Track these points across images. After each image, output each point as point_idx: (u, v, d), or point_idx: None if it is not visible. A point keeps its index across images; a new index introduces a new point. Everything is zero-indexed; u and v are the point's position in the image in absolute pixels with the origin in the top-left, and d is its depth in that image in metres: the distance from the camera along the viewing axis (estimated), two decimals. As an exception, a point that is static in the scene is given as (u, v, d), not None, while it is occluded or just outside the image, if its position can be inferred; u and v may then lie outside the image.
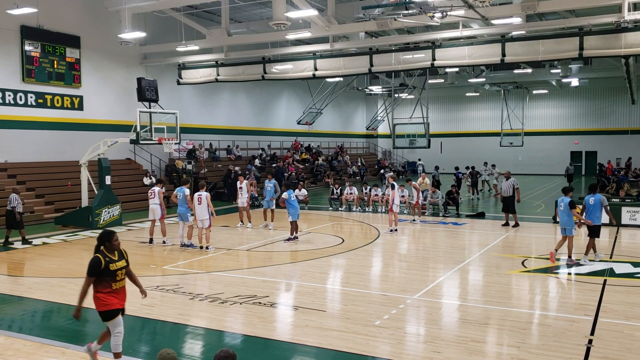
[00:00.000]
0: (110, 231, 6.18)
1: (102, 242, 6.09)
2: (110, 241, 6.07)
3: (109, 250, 6.08)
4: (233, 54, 24.63)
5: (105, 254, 6.03)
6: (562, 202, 12.23)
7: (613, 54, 18.78)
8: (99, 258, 5.99)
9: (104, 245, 6.08)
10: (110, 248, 6.08)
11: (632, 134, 41.69)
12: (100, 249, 6.07)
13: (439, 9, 15.99)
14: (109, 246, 6.08)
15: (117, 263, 6.08)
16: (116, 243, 6.10)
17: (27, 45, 21.29)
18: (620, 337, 7.41)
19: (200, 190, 13.86)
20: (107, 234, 6.12)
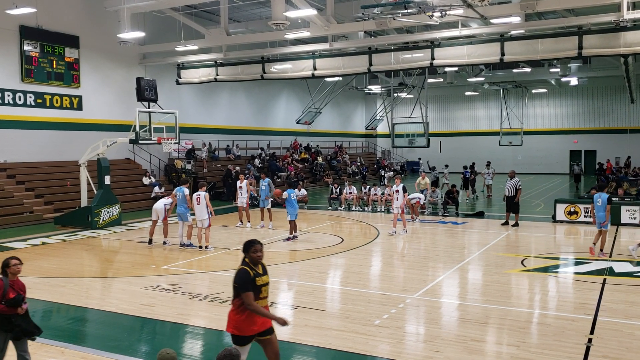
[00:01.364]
0: (251, 240, 5.33)
1: (245, 252, 5.32)
2: (248, 252, 5.26)
3: (252, 262, 5.27)
4: (232, 53, 24.62)
5: (251, 266, 5.23)
6: (600, 198, 12.50)
7: (612, 53, 18.79)
8: (246, 270, 5.19)
9: (247, 255, 5.29)
10: (252, 260, 5.27)
11: (631, 133, 41.72)
12: (245, 260, 5.30)
13: (438, 8, 16.00)
14: (249, 258, 5.27)
15: (262, 277, 5.30)
16: (254, 255, 5.25)
17: (26, 45, 21.27)
18: (619, 336, 7.42)
19: (200, 190, 13.86)
20: (248, 244, 5.32)
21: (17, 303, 5.48)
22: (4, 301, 5.44)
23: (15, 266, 5.70)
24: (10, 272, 5.66)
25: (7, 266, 5.67)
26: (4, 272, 5.66)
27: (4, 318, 5.48)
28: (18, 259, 5.79)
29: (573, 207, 18.04)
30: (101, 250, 14.90)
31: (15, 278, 5.67)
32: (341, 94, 39.77)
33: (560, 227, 17.34)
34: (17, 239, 15.68)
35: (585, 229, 16.92)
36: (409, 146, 34.57)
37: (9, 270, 5.66)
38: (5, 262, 5.71)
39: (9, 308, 5.46)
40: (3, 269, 5.67)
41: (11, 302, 5.45)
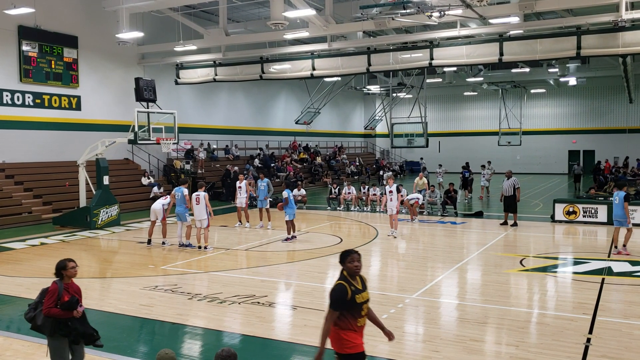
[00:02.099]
0: (348, 250, 4.80)
1: (342, 263, 4.78)
2: (344, 262, 4.74)
3: (350, 275, 4.73)
4: (231, 53, 24.62)
5: (350, 281, 4.70)
6: (617, 196, 12.60)
7: (611, 53, 18.82)
8: (344, 286, 4.66)
9: (344, 267, 4.75)
10: (350, 271, 4.73)
11: (629, 133, 41.77)
12: (342, 273, 4.75)
13: (436, 8, 16.00)
14: (346, 269, 4.73)
15: (362, 294, 4.77)
16: (351, 266, 4.71)
17: (25, 45, 21.25)
18: (618, 335, 7.42)
19: (199, 190, 13.87)
20: (344, 254, 4.77)
21: (72, 306, 5.28)
22: (59, 304, 5.27)
23: (73, 269, 5.49)
24: (66, 275, 5.46)
25: (64, 268, 5.45)
26: (60, 274, 5.45)
27: (60, 322, 5.28)
28: (74, 261, 5.56)
29: (572, 207, 18.06)
30: (100, 250, 14.89)
31: (70, 281, 5.48)
32: (340, 94, 39.78)
33: (559, 227, 17.35)
34: (16, 240, 15.66)
35: (584, 229, 16.94)
36: (407, 146, 34.60)
37: (65, 273, 5.45)
38: (62, 264, 5.48)
39: (65, 311, 5.27)
40: (59, 271, 5.46)
41: (66, 305, 5.27)
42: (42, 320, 5.27)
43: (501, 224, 17.63)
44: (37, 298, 5.42)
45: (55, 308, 5.25)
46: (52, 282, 5.42)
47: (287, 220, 14.92)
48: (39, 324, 5.30)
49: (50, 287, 5.34)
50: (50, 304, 5.23)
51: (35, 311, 5.35)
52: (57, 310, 5.25)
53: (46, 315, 5.24)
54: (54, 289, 5.32)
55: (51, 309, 5.22)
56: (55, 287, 5.34)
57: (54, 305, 5.24)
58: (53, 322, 5.24)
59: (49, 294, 5.29)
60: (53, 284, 5.36)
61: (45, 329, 5.27)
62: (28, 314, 5.38)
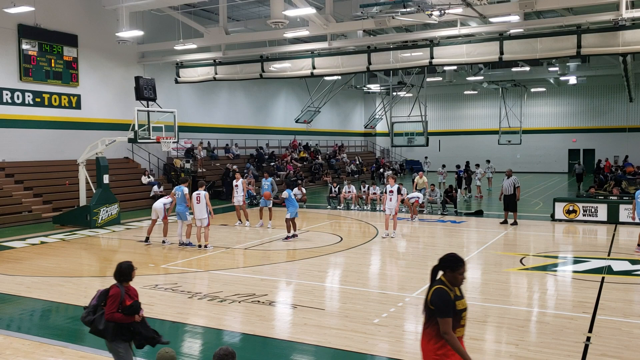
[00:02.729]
0: (458, 258, 4.33)
1: (448, 269, 4.32)
2: (453, 270, 4.28)
3: (452, 283, 4.30)
4: (231, 52, 24.60)
5: (449, 287, 4.27)
6: None
7: (611, 52, 18.79)
8: (446, 290, 4.21)
9: (447, 274, 4.32)
10: (454, 281, 4.30)
11: (629, 132, 41.76)
12: (441, 279, 4.32)
13: (436, 7, 16.00)
14: (451, 278, 4.30)
15: (462, 301, 4.31)
16: (460, 277, 4.31)
17: (25, 44, 21.24)
18: (618, 334, 7.43)
19: (199, 189, 13.89)
20: (454, 261, 4.31)
21: (136, 311, 5.17)
22: (122, 309, 5.12)
23: (133, 272, 5.38)
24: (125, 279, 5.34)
25: (128, 274, 5.34)
26: (121, 278, 5.32)
27: (123, 327, 5.15)
28: (132, 264, 5.43)
29: (572, 206, 18.06)
30: (100, 249, 14.90)
31: (128, 284, 5.35)
32: (340, 93, 39.78)
33: (559, 226, 17.36)
34: (16, 238, 15.66)
35: (584, 228, 16.94)
36: (408, 145, 34.62)
37: (123, 278, 5.33)
38: (129, 268, 5.36)
39: (127, 316, 5.14)
40: (128, 274, 5.31)
41: (129, 310, 5.14)
42: (103, 325, 5.13)
43: (501, 222, 17.63)
44: (95, 301, 5.25)
45: (118, 313, 5.12)
46: (112, 285, 5.27)
47: (287, 219, 14.91)
48: (100, 329, 5.15)
49: (111, 292, 5.19)
50: (113, 308, 5.10)
51: (94, 315, 5.19)
52: (120, 315, 5.13)
53: (108, 320, 5.11)
54: (117, 294, 5.17)
55: (114, 314, 5.10)
56: (117, 291, 5.20)
57: (116, 310, 5.11)
58: (115, 326, 5.12)
59: (111, 299, 5.14)
60: (114, 288, 5.22)
61: (107, 333, 5.14)
62: (87, 317, 5.22)
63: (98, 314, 5.17)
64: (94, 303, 5.24)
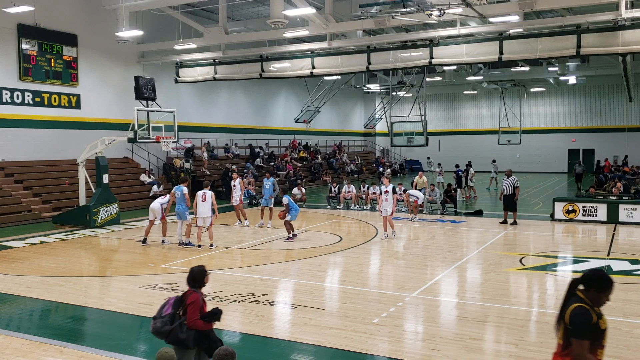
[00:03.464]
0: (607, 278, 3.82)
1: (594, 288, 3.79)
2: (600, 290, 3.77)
3: (593, 302, 3.79)
4: (231, 52, 24.60)
5: (590, 305, 3.77)
6: None
7: (610, 52, 18.81)
8: (587, 310, 3.73)
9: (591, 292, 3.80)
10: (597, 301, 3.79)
11: (629, 132, 41.78)
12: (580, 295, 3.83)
13: (436, 6, 16.00)
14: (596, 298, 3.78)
15: (604, 318, 3.82)
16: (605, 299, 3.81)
17: (24, 43, 21.23)
18: (617, 334, 7.42)
19: (205, 188, 14.00)
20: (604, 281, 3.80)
21: (216, 317, 4.91)
22: (201, 316, 4.86)
23: (206, 276, 5.15)
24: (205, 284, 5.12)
25: (203, 277, 5.12)
26: (200, 283, 5.06)
27: (202, 335, 4.89)
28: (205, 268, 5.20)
29: (571, 206, 18.06)
30: (100, 249, 14.89)
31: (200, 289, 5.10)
32: (340, 93, 39.77)
33: (559, 226, 17.36)
34: (16, 238, 15.66)
35: (584, 228, 16.95)
36: (407, 145, 34.63)
37: (206, 281, 5.12)
38: (203, 272, 5.11)
39: (207, 323, 4.90)
40: (200, 279, 5.07)
41: (211, 317, 4.89)
42: (186, 334, 4.85)
43: (501, 222, 17.63)
44: (170, 309, 4.94)
45: (199, 320, 4.88)
46: (187, 291, 5.02)
47: (286, 221, 14.88)
48: (182, 338, 4.84)
49: (190, 298, 4.94)
50: (195, 315, 4.86)
51: (171, 324, 4.87)
52: (202, 323, 4.90)
53: (190, 328, 4.84)
54: (197, 300, 4.92)
55: (197, 321, 4.86)
56: (197, 297, 4.95)
57: (197, 317, 4.87)
58: (195, 334, 4.88)
59: (192, 306, 4.89)
60: (193, 294, 4.97)
61: (189, 342, 4.85)
62: (163, 327, 4.88)
63: (176, 323, 4.87)
64: (170, 312, 4.94)
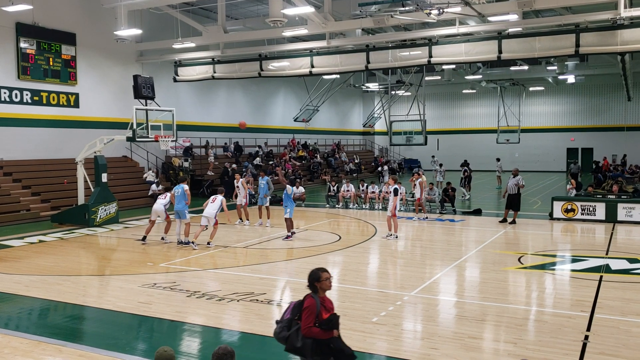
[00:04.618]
0: None
1: None
2: None
3: None
4: (229, 51, 24.57)
5: None
6: None
7: (609, 51, 18.82)
8: None
9: None
10: None
11: (628, 131, 41.82)
12: None
13: (435, 6, 16.00)
14: None
15: None
16: None
17: (23, 42, 21.18)
18: (616, 332, 7.44)
19: (219, 194, 14.11)
20: None
21: (334, 325, 4.59)
22: (318, 323, 4.55)
23: (327, 280, 4.80)
24: (320, 288, 4.76)
25: (317, 280, 4.77)
26: (314, 287, 4.75)
27: (322, 344, 4.58)
28: (328, 272, 4.87)
29: (570, 205, 18.08)
30: (98, 248, 14.88)
31: (323, 294, 4.79)
32: (339, 92, 39.75)
33: (557, 225, 17.38)
34: (14, 237, 15.64)
35: (582, 227, 16.97)
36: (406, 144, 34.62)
37: (318, 286, 4.75)
38: (315, 275, 4.80)
39: (325, 331, 4.57)
40: (312, 283, 4.76)
41: (327, 324, 4.56)
42: (301, 342, 4.59)
43: (500, 221, 17.63)
44: (288, 314, 4.74)
45: (315, 327, 4.58)
46: (306, 296, 4.75)
47: (287, 218, 14.88)
48: (298, 346, 4.60)
49: (306, 303, 4.67)
50: (310, 322, 4.57)
51: (289, 330, 4.66)
52: (318, 330, 4.58)
53: (306, 336, 4.58)
54: (312, 305, 4.62)
55: (312, 328, 4.57)
56: (312, 302, 4.65)
57: (313, 324, 4.57)
58: (313, 343, 4.58)
59: (307, 311, 4.61)
60: (309, 299, 4.69)
61: (307, 351, 4.58)
62: (281, 333, 4.69)
63: (293, 329, 4.64)
64: (288, 317, 4.72)
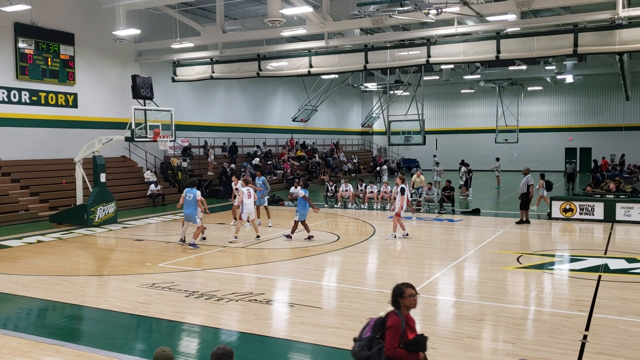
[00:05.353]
0: None
1: None
2: None
3: None
4: (228, 51, 24.56)
5: None
6: None
7: (607, 51, 18.82)
8: None
9: None
10: None
11: (626, 130, 41.87)
12: None
13: (433, 5, 15.98)
14: None
15: None
16: None
17: (21, 42, 21.16)
18: (615, 332, 7.45)
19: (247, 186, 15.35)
20: None
21: (422, 347, 4.27)
22: (404, 344, 4.20)
23: (412, 297, 4.39)
24: (404, 305, 4.37)
25: (401, 296, 4.38)
26: (397, 303, 4.36)
27: None
28: (413, 287, 4.47)
29: (568, 205, 18.10)
30: (97, 248, 14.87)
31: (407, 312, 4.40)
32: (337, 92, 39.75)
33: (556, 225, 17.39)
34: (13, 237, 15.62)
35: (581, 226, 16.98)
36: (405, 144, 34.61)
37: (402, 302, 4.37)
38: (398, 290, 4.43)
39: (411, 353, 4.24)
40: (395, 299, 4.38)
41: (414, 345, 4.23)
42: None
43: (517, 222, 17.35)
44: (369, 332, 4.36)
45: (401, 348, 4.23)
46: (388, 313, 4.37)
47: (297, 221, 14.59)
48: None
49: (389, 321, 4.30)
50: (395, 342, 4.21)
51: (370, 349, 4.30)
52: (404, 352, 4.24)
53: (390, 357, 4.24)
54: (397, 324, 4.25)
55: (397, 350, 4.21)
56: (397, 321, 4.28)
57: (398, 345, 4.22)
58: None
59: (391, 330, 4.23)
60: (393, 317, 4.31)
61: None
62: (360, 352, 4.32)
63: (375, 348, 4.28)
64: (368, 334, 4.37)
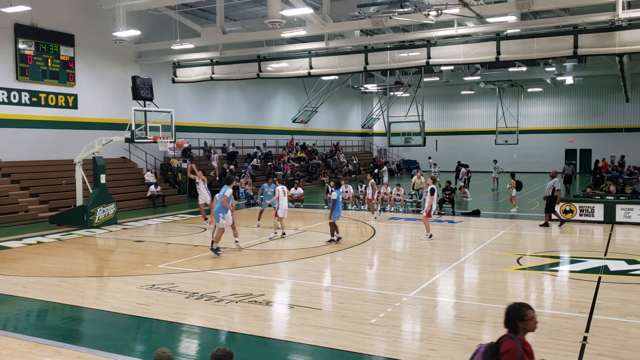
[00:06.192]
0: None
1: None
2: None
3: None
4: (228, 52, 24.57)
5: None
6: None
7: (607, 52, 18.84)
8: None
9: None
10: None
11: (626, 132, 41.87)
12: None
13: (434, 7, 16.00)
14: None
15: None
16: None
17: (21, 43, 21.17)
18: (614, 334, 7.44)
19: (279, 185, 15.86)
20: None
21: None
22: None
23: (532, 320, 3.84)
24: (523, 328, 3.83)
25: (521, 319, 3.82)
26: (514, 326, 3.84)
27: None
28: (533, 310, 3.89)
29: (568, 206, 18.10)
30: (97, 249, 14.86)
31: (524, 336, 3.86)
32: (337, 93, 39.76)
33: (556, 226, 17.38)
34: (13, 238, 15.61)
35: (581, 228, 16.98)
36: (405, 145, 34.59)
37: (521, 325, 3.82)
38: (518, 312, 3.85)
39: None
40: (513, 321, 3.84)
41: None
42: None
43: (541, 225, 17.16)
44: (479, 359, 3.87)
45: None
46: (502, 338, 3.87)
47: (331, 223, 14.39)
48: None
49: (504, 346, 3.79)
50: None
51: None
52: None
53: None
54: (513, 350, 3.74)
55: None
56: (513, 346, 3.75)
57: None
58: None
59: (507, 357, 3.75)
60: (508, 341, 3.80)
61: None
62: None
63: None
64: None
